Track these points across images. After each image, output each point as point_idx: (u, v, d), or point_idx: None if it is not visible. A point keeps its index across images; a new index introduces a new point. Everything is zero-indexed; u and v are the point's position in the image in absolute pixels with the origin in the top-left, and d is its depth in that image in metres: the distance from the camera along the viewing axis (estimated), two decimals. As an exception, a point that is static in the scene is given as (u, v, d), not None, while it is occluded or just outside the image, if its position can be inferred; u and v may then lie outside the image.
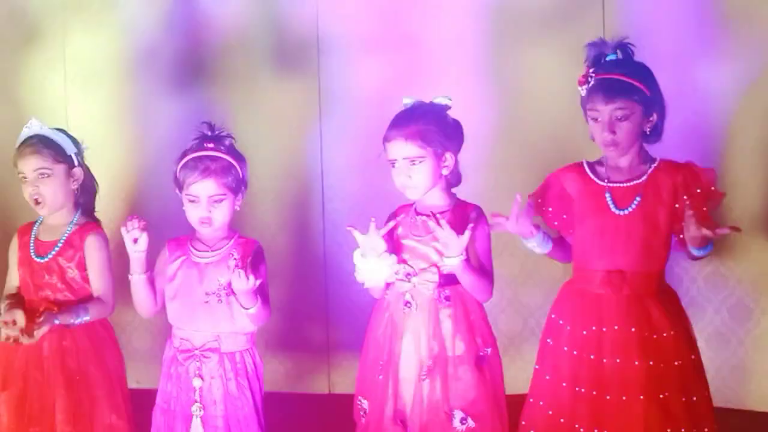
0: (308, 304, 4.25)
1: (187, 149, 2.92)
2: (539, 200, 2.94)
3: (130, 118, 4.46)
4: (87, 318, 2.98)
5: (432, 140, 2.77)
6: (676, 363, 2.78)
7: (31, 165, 3.02)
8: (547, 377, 2.86)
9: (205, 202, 2.83)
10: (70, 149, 3.09)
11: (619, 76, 2.76)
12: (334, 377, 4.42)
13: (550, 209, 2.94)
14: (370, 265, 2.77)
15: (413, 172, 2.77)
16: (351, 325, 4.00)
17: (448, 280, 2.79)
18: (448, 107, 2.87)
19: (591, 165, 2.89)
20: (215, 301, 2.86)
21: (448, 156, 2.81)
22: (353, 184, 4.31)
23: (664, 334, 2.79)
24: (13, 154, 3.06)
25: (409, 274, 2.79)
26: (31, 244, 3.08)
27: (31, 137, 3.07)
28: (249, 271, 2.72)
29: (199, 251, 2.91)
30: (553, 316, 2.92)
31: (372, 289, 2.89)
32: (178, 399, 2.92)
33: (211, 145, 2.87)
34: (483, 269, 2.80)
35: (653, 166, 2.82)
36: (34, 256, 3.04)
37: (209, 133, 2.91)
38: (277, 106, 4.30)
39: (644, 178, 2.81)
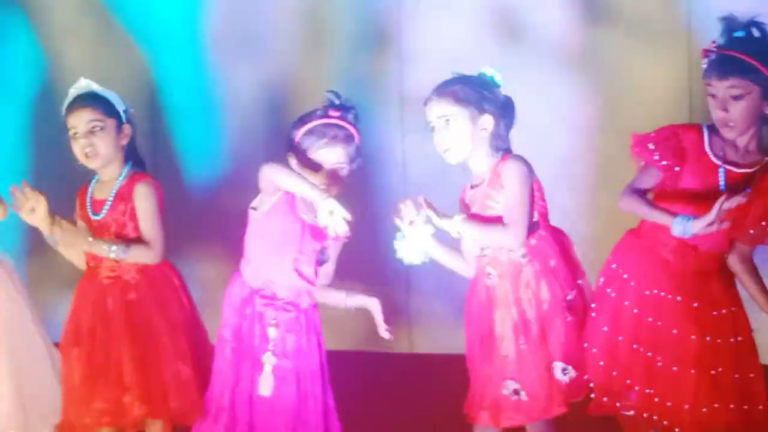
0: (388, 264, 4.23)
1: (306, 116, 2.98)
2: (650, 144, 2.83)
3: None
4: (122, 255, 3.03)
5: (465, 99, 2.79)
6: (732, 340, 2.79)
7: (83, 118, 3.10)
8: (604, 328, 2.85)
9: (327, 170, 2.92)
10: (120, 105, 3.17)
11: (739, 54, 2.68)
12: (415, 337, 4.48)
13: (656, 156, 2.81)
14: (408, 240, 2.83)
15: (448, 133, 2.79)
16: (432, 286, 4.05)
17: None
18: (493, 79, 2.87)
19: (710, 133, 2.78)
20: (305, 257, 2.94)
21: (486, 118, 2.81)
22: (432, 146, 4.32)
23: (724, 311, 2.81)
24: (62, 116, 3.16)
25: None
26: (88, 204, 3.18)
27: (81, 95, 3.15)
28: None
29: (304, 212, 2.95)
30: (613, 266, 2.90)
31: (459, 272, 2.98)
32: (250, 343, 2.97)
33: (337, 114, 2.94)
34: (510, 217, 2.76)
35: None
36: (91, 215, 3.14)
37: (336, 102, 2.97)
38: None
39: (758, 168, 2.74)
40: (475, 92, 2.81)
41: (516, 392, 2.81)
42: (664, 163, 2.80)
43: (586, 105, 4.16)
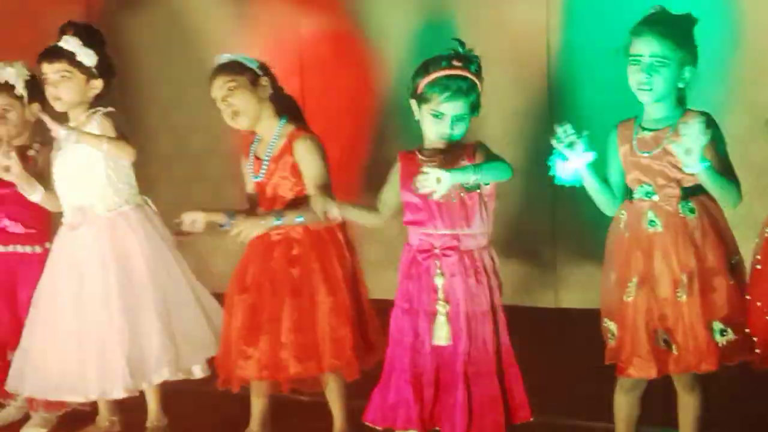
0: (534, 217, 4.27)
1: (430, 65, 2.94)
2: None
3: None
4: (301, 219, 3.10)
5: (683, 46, 2.76)
6: None
7: (217, 85, 3.17)
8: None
9: (448, 120, 2.90)
10: (251, 63, 3.19)
11: None
12: (561, 292, 4.46)
13: None
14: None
15: (655, 73, 2.75)
16: (578, 241, 4.02)
17: (690, 191, 2.77)
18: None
19: None
20: (449, 199, 2.88)
21: (688, 70, 2.77)
22: (582, 97, 4.31)
23: None
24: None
25: None
26: (250, 161, 3.24)
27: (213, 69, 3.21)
28: None
29: (429, 158, 2.92)
30: None
31: (602, 204, 2.93)
32: (420, 298, 2.96)
33: (460, 64, 2.91)
34: (728, 172, 2.73)
35: None
36: (252, 177, 3.21)
37: (461, 51, 2.94)
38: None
39: None
40: (691, 45, 2.81)
41: (666, 342, 2.79)
42: None
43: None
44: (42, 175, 3.41)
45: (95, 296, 3.28)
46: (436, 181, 2.68)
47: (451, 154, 2.88)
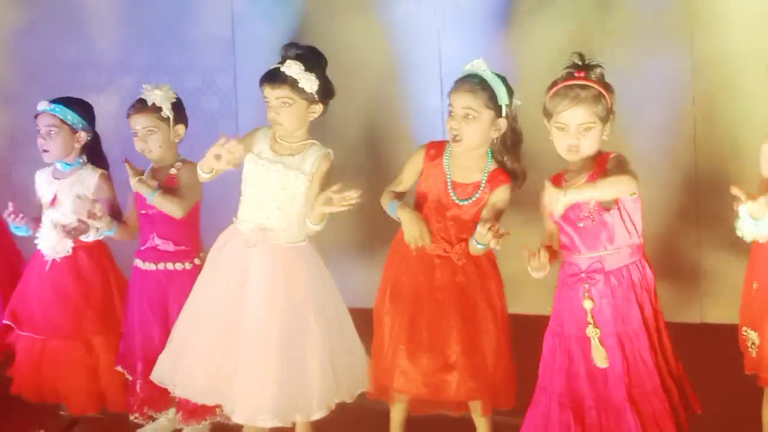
0: (680, 231, 4.17)
1: (556, 79, 2.93)
2: None
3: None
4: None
5: None
6: None
7: (460, 102, 3.13)
8: None
9: (573, 130, 2.86)
10: (503, 99, 3.12)
11: None
12: (706, 306, 4.34)
13: None
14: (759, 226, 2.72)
15: None
16: (726, 254, 3.89)
17: None
18: None
19: None
20: (589, 221, 2.87)
21: None
22: (724, 112, 4.16)
23: None
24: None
25: None
26: (449, 181, 3.21)
27: (473, 75, 3.15)
28: None
29: (570, 179, 2.91)
30: None
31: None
32: (571, 322, 2.95)
33: (581, 74, 2.88)
34: None
35: None
36: (453, 197, 3.19)
37: (579, 63, 2.91)
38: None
39: None
40: None
41: None
42: None
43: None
44: (185, 192, 3.49)
45: (258, 318, 3.22)
46: (555, 202, 2.67)
47: (575, 171, 2.87)
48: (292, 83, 3.17)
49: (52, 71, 4.90)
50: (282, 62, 3.20)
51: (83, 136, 3.65)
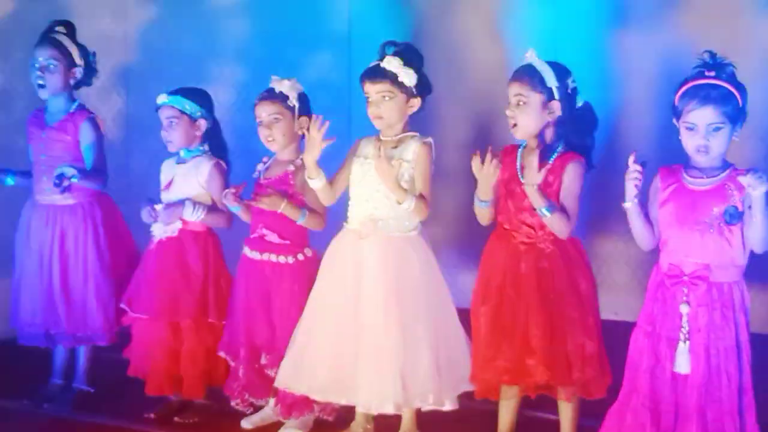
0: None
1: (687, 78, 2.90)
2: None
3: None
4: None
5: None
6: None
7: (512, 91, 3.20)
8: None
9: (703, 130, 2.82)
10: (551, 82, 3.17)
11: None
12: None
13: None
14: None
15: None
16: None
17: None
18: None
19: None
20: (707, 229, 2.84)
21: None
22: None
23: None
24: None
25: None
26: (518, 167, 3.24)
27: (523, 66, 3.22)
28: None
29: (694, 178, 2.89)
30: None
31: None
32: (663, 323, 2.93)
33: (712, 74, 2.83)
34: None
35: None
36: (520, 177, 3.20)
37: (710, 61, 2.87)
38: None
39: None
40: None
41: None
42: None
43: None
44: (310, 197, 3.53)
45: (375, 307, 3.34)
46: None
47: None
48: (393, 77, 3.31)
49: (173, 64, 5.05)
50: (381, 59, 3.33)
51: (203, 124, 3.76)
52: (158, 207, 3.71)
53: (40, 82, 3.84)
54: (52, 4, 4.83)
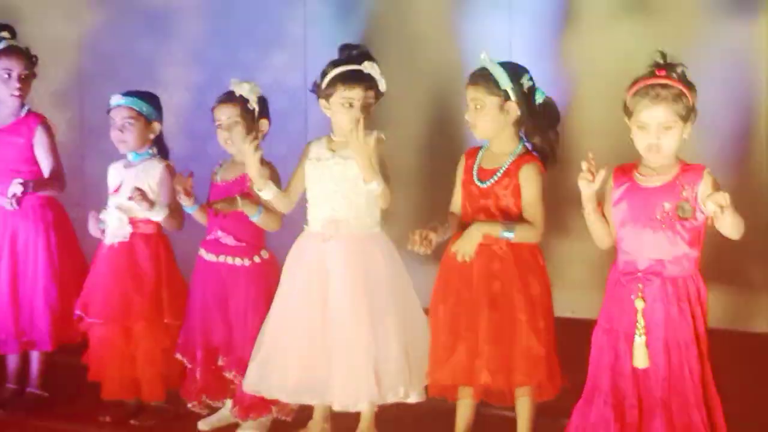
0: (747, 239, 4.20)
1: (637, 78, 3.02)
2: None
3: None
4: (509, 236, 3.25)
5: None
6: None
7: (468, 95, 3.33)
8: None
9: (654, 129, 2.93)
10: (506, 84, 3.27)
11: None
12: None
13: None
14: None
15: None
16: None
17: None
18: None
19: None
20: (659, 225, 2.96)
21: None
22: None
23: None
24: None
25: None
26: (475, 169, 3.36)
27: (478, 69, 3.34)
28: None
29: (645, 176, 3.01)
30: None
31: None
32: (621, 320, 3.05)
33: (662, 73, 2.95)
34: None
35: None
36: (476, 181, 3.33)
37: (661, 61, 2.99)
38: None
39: None
40: None
41: None
42: None
43: None
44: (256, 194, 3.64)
45: (343, 305, 3.48)
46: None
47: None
48: (369, 81, 3.49)
49: (127, 66, 5.17)
50: (355, 62, 3.49)
51: (157, 128, 3.88)
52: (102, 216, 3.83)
53: None
54: (2, 6, 4.91)
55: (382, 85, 3.51)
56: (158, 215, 3.77)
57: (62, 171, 4.08)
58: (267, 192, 3.52)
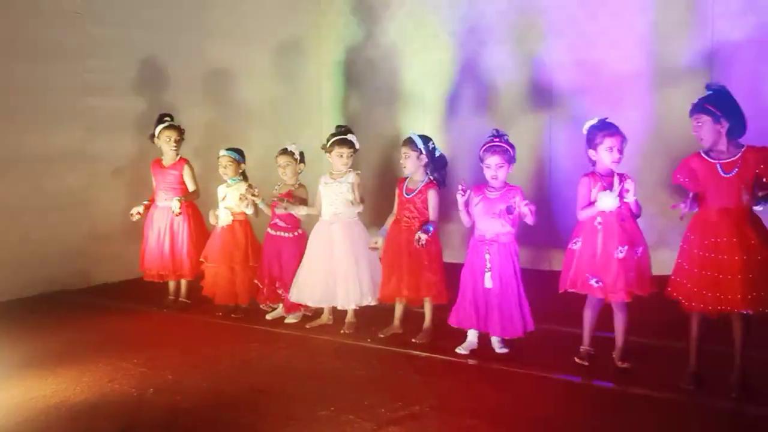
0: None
1: (485, 142, 5.39)
2: (678, 176, 4.78)
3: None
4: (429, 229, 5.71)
5: None
6: (759, 257, 4.57)
7: (402, 151, 5.86)
8: (685, 266, 4.79)
9: (493, 168, 5.49)
10: (421, 146, 5.91)
11: (706, 104, 4.61)
12: (554, 259, 7.35)
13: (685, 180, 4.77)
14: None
15: None
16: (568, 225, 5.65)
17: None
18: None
19: (705, 152, 4.70)
20: (497, 217, 5.36)
21: None
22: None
23: (752, 242, 4.56)
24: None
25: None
26: (404, 188, 5.88)
27: (407, 137, 5.89)
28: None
29: (490, 191, 5.39)
30: (688, 233, 4.79)
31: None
32: (477, 264, 5.42)
33: (497, 139, 5.57)
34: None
35: (742, 150, 4.60)
36: (405, 194, 6.01)
37: (496, 133, 5.57)
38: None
39: (738, 156, 4.58)
40: None
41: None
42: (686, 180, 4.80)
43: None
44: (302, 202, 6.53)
45: (343, 254, 6.14)
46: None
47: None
48: (352, 144, 6.34)
49: None
50: (343, 134, 6.39)
51: (242, 167, 6.97)
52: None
53: None
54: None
55: (357, 145, 6.31)
56: (247, 210, 6.75)
57: (198, 189, 7.00)
58: (301, 211, 6.34)
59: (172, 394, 4.96)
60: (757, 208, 4.55)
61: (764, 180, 4.48)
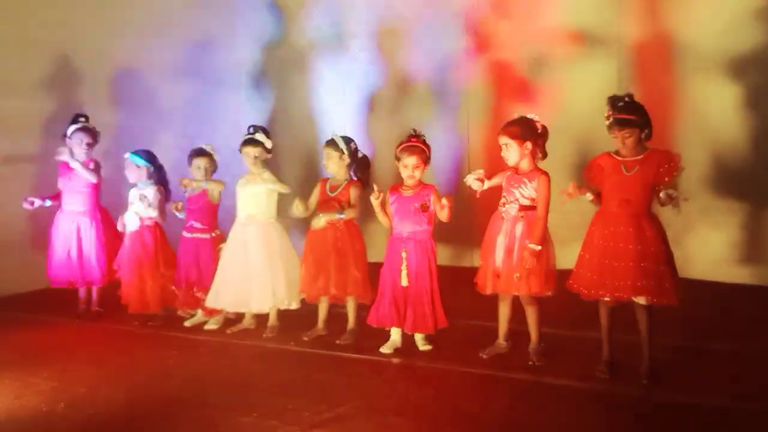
0: (456, 221, 6.66)
1: (402, 141, 5.66)
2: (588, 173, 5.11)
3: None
4: (342, 216, 5.82)
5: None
6: (652, 248, 4.87)
7: (325, 153, 6.06)
8: (587, 256, 5.08)
9: (410, 168, 5.60)
10: (343, 147, 6.01)
11: (625, 115, 4.88)
12: (476, 256, 6.83)
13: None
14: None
15: None
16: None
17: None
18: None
19: (614, 152, 5.05)
20: (412, 214, 5.51)
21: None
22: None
23: (647, 233, 4.87)
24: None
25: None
26: (327, 186, 5.97)
27: (330, 138, 6.12)
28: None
29: (405, 190, 5.53)
30: (591, 226, 5.13)
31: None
32: (394, 261, 5.57)
33: (414, 139, 5.67)
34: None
35: (645, 152, 4.93)
36: (328, 192, 6.03)
37: (414, 133, 5.66)
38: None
39: (641, 157, 4.93)
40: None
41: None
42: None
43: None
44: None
45: (257, 257, 6.12)
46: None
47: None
48: (262, 145, 6.37)
49: None
50: (253, 133, 6.37)
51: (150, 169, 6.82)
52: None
53: None
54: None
55: (269, 145, 6.26)
56: (155, 215, 6.61)
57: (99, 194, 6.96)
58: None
59: (85, 408, 4.84)
60: (666, 207, 4.88)
61: (666, 179, 4.84)
